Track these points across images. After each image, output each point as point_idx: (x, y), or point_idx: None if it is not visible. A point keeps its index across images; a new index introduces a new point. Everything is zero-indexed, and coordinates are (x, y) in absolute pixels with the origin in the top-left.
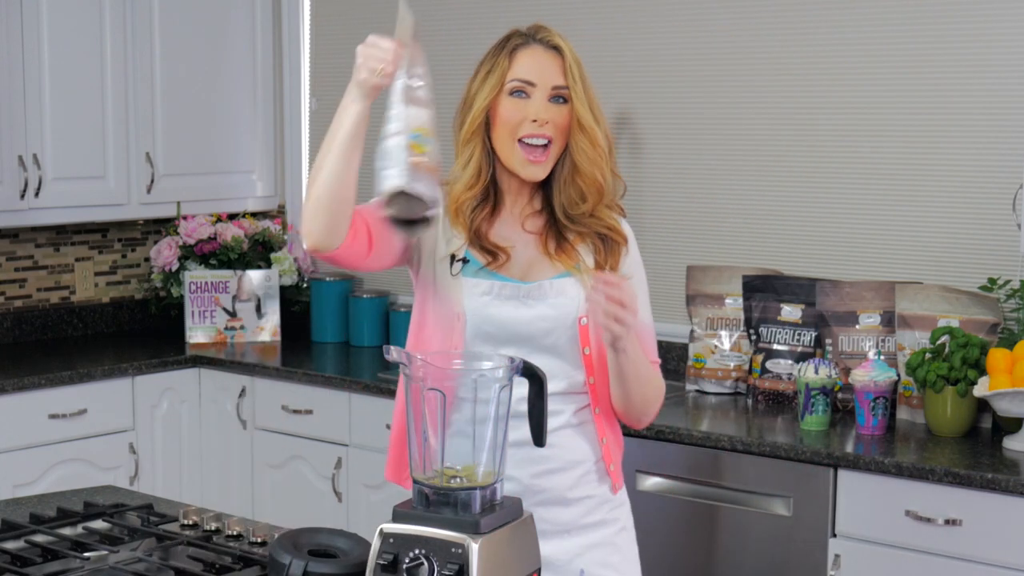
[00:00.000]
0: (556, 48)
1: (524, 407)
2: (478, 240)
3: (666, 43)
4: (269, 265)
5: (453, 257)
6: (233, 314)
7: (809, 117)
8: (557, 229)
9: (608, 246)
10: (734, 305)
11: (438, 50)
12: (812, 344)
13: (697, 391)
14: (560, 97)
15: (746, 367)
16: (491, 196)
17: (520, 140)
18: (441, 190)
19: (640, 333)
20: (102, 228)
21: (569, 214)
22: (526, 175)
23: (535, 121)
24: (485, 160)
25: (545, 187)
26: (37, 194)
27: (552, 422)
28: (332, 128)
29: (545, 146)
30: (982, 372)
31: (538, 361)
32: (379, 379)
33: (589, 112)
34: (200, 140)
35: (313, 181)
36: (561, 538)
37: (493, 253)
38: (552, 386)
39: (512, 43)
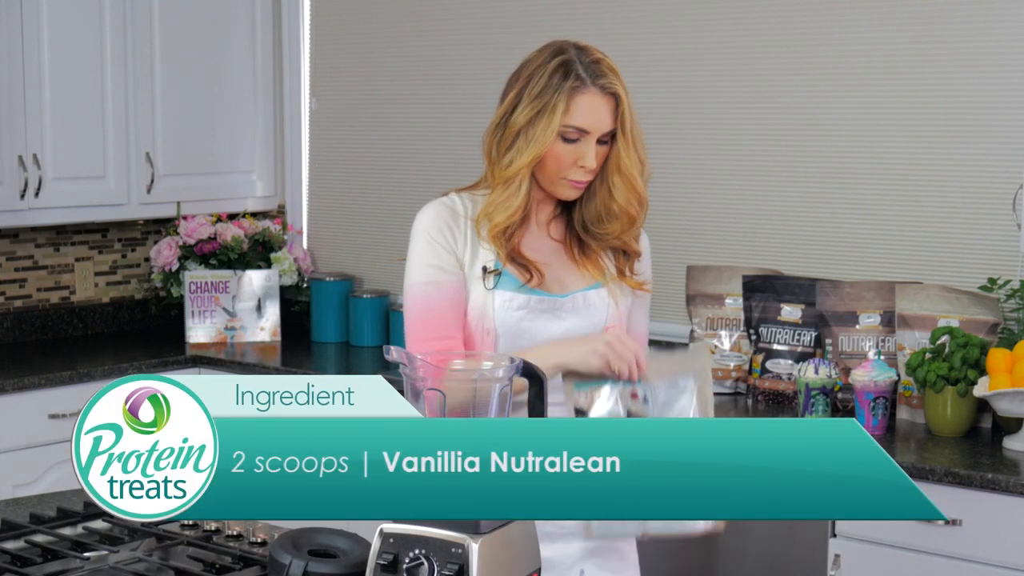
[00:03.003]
0: (612, 94)
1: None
2: (514, 256)
3: (665, 43)
4: (269, 265)
5: (485, 270)
6: (233, 314)
7: (809, 117)
8: (578, 235)
9: (627, 257)
10: (734, 305)
11: (437, 50)
12: (812, 344)
13: None
14: (607, 140)
15: (746, 367)
16: (525, 215)
17: (569, 180)
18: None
19: (639, 341)
20: (102, 228)
21: (588, 228)
22: (567, 198)
23: (585, 169)
24: (529, 189)
25: (574, 204)
26: (37, 194)
27: None
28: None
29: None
30: (982, 372)
31: None
32: None
33: (630, 157)
34: (200, 140)
35: None
36: (566, 541)
37: (529, 270)
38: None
39: (570, 83)
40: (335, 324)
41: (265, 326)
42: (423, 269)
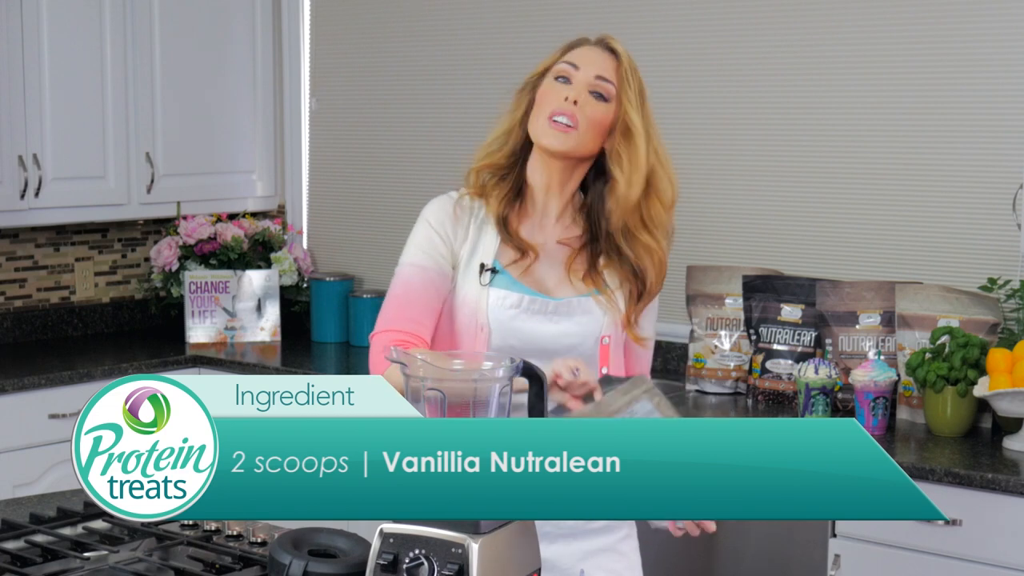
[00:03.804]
0: (613, 51)
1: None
2: (507, 233)
3: (666, 43)
4: (269, 265)
5: (483, 266)
6: (233, 314)
7: (809, 117)
8: (591, 249)
9: (638, 285)
10: (734, 305)
11: (437, 50)
12: (812, 344)
13: (697, 391)
14: (601, 94)
15: (746, 367)
16: (516, 185)
17: (550, 118)
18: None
19: (647, 352)
20: (102, 228)
21: (610, 233)
22: (546, 143)
23: (567, 99)
24: (517, 140)
25: (591, 207)
26: (37, 194)
27: None
28: None
29: (571, 126)
30: (982, 372)
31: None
32: None
33: (639, 117)
34: (200, 140)
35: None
36: (566, 541)
37: (522, 250)
38: (562, 398)
39: (577, 41)
40: (335, 324)
41: (265, 326)
42: (415, 252)
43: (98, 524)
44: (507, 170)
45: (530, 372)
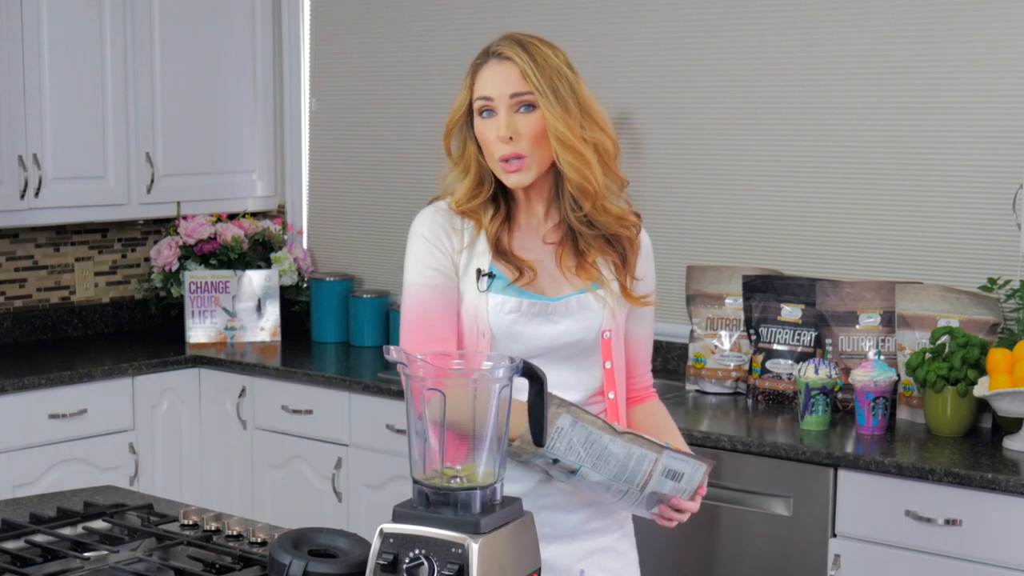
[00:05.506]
0: (508, 59)
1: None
2: (502, 254)
3: (666, 43)
4: (269, 265)
5: (479, 272)
6: (233, 314)
7: (809, 117)
8: (575, 242)
9: (619, 249)
10: (734, 305)
11: (437, 50)
12: (812, 344)
13: (697, 391)
14: (526, 105)
15: (746, 367)
16: (502, 205)
17: (500, 161)
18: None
19: (646, 347)
20: (102, 228)
21: (580, 220)
22: (510, 183)
23: (501, 139)
24: (485, 173)
25: (561, 201)
26: (37, 194)
27: None
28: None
29: (523, 156)
30: (982, 372)
31: (557, 372)
32: (379, 379)
33: (559, 118)
34: (200, 140)
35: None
36: (564, 542)
37: (520, 269)
38: (568, 396)
39: (476, 63)
40: (335, 324)
41: (265, 326)
42: (420, 271)
43: (98, 524)
44: (494, 201)
45: (530, 372)
